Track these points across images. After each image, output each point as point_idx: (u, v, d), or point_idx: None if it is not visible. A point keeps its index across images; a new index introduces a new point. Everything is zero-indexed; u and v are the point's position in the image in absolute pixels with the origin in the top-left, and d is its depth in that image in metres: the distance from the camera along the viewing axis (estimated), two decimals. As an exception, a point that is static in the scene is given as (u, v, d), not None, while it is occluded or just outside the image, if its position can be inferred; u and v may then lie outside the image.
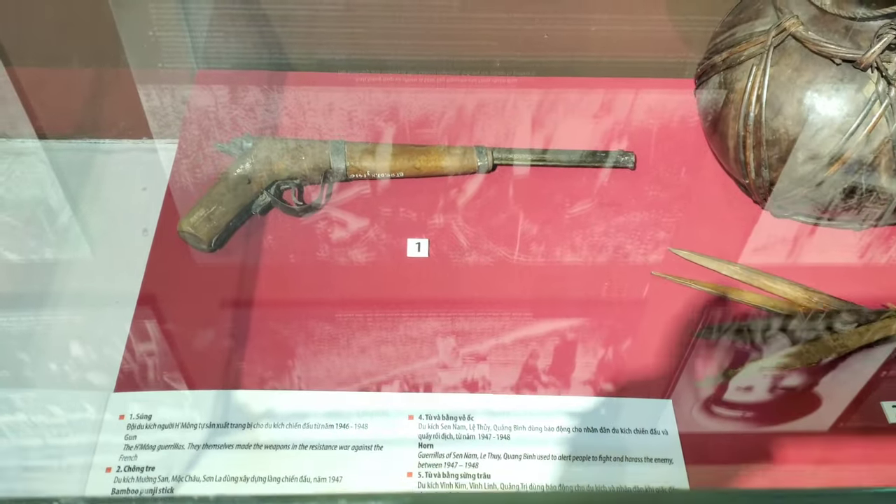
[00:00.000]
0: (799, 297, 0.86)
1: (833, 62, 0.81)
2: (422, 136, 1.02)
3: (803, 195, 0.86)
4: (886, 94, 0.79)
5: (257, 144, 0.93)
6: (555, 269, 0.90)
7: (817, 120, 0.82)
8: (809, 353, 0.81)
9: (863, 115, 0.80)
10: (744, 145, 0.87)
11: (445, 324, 0.84)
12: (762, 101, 0.84)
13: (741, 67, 0.87)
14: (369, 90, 1.08)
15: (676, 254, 0.90)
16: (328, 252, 0.90)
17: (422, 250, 0.90)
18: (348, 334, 0.83)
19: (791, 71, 0.83)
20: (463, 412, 0.78)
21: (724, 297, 0.87)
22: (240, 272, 0.88)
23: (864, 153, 0.81)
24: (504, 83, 1.10)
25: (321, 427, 0.76)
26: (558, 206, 0.95)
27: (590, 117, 1.06)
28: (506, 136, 1.02)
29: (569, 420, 0.78)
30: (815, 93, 0.82)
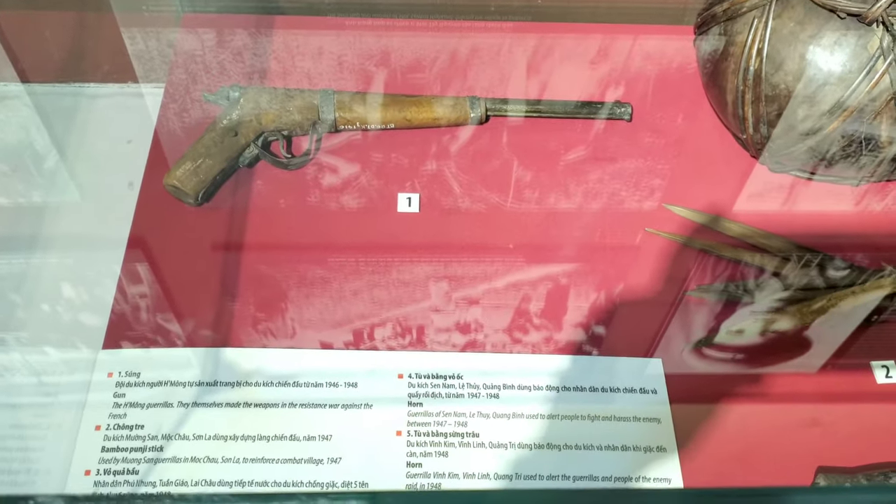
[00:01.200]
0: (794, 254, 0.85)
1: (837, 16, 0.79)
2: (413, 84, 0.99)
3: (802, 151, 0.84)
4: (891, 49, 0.77)
5: (244, 94, 0.90)
6: (546, 221, 0.89)
7: (819, 75, 0.80)
8: (802, 314, 0.80)
9: (866, 71, 0.78)
10: (742, 100, 0.85)
11: (437, 269, 0.84)
12: (763, 55, 0.82)
13: (742, 19, 0.84)
14: (359, 34, 1.05)
15: (670, 209, 0.89)
16: (317, 203, 0.89)
17: (412, 205, 0.89)
18: (339, 283, 0.83)
19: (794, 24, 0.81)
20: (452, 371, 0.78)
21: (718, 254, 0.86)
22: (227, 225, 0.87)
23: (865, 110, 0.79)
24: (499, 28, 1.07)
25: (311, 385, 0.76)
26: (551, 157, 0.93)
27: (586, 65, 1.03)
28: (500, 84, 1.00)
29: (558, 379, 0.78)
30: (818, 47, 0.80)
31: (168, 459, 0.72)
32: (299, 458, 0.72)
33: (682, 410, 0.77)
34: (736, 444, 0.76)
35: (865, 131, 0.80)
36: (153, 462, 0.72)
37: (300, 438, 0.73)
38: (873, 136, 0.81)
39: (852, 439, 0.77)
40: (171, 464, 0.72)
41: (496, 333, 0.80)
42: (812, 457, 0.76)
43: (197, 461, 0.72)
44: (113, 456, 0.72)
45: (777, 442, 0.76)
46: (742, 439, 0.76)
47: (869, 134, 0.80)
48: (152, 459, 0.72)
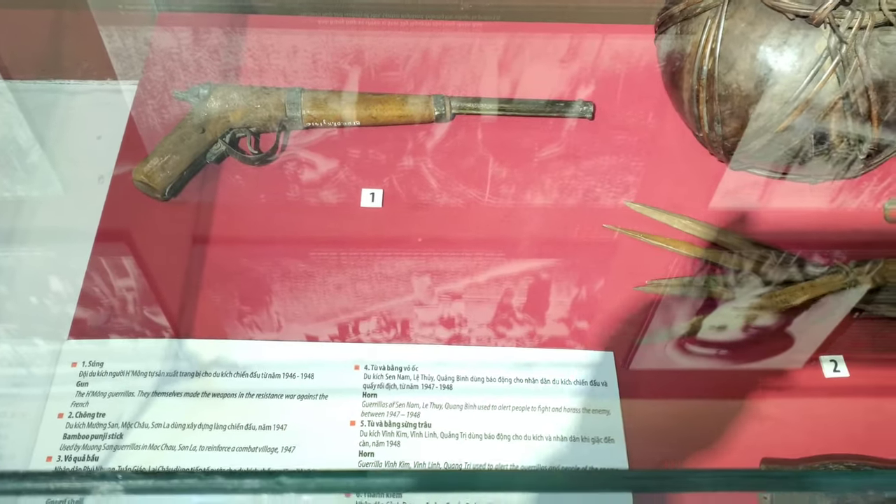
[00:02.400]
0: (749, 251, 0.87)
1: (787, 17, 0.80)
2: (383, 82, 1.01)
3: (756, 150, 0.86)
4: (838, 50, 0.78)
5: (213, 92, 0.92)
6: (507, 216, 0.91)
7: (769, 75, 0.81)
8: (752, 310, 0.82)
9: (814, 71, 0.80)
10: (697, 99, 0.86)
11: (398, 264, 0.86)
12: (715, 55, 0.83)
13: (697, 19, 0.86)
14: (332, 33, 1.07)
15: (630, 207, 0.91)
16: (281, 198, 0.91)
17: (376, 201, 0.91)
18: (300, 277, 0.85)
19: (745, 25, 0.82)
20: (408, 363, 0.80)
21: (674, 250, 0.88)
22: (193, 219, 0.89)
23: (814, 109, 0.81)
24: (469, 27, 1.09)
25: (268, 376, 0.78)
26: (515, 154, 0.95)
27: (554, 64, 1.05)
28: (468, 83, 1.02)
29: (511, 371, 0.80)
30: (768, 48, 0.81)
31: (127, 446, 0.74)
32: (254, 447, 0.74)
33: (631, 403, 0.79)
34: (683, 435, 0.78)
35: (815, 130, 0.82)
36: (113, 449, 0.74)
37: (256, 427, 0.76)
38: (823, 135, 0.82)
39: (798, 432, 0.79)
40: (130, 451, 0.74)
41: (452, 326, 0.82)
42: (758, 449, 0.77)
43: (155, 448, 0.74)
44: (74, 443, 0.74)
45: (724, 434, 0.78)
46: (690, 431, 0.78)
47: (819, 133, 0.82)
48: (112, 447, 0.74)
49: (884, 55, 0.79)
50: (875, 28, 0.78)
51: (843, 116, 0.81)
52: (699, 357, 0.82)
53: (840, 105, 0.80)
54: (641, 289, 0.85)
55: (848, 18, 0.77)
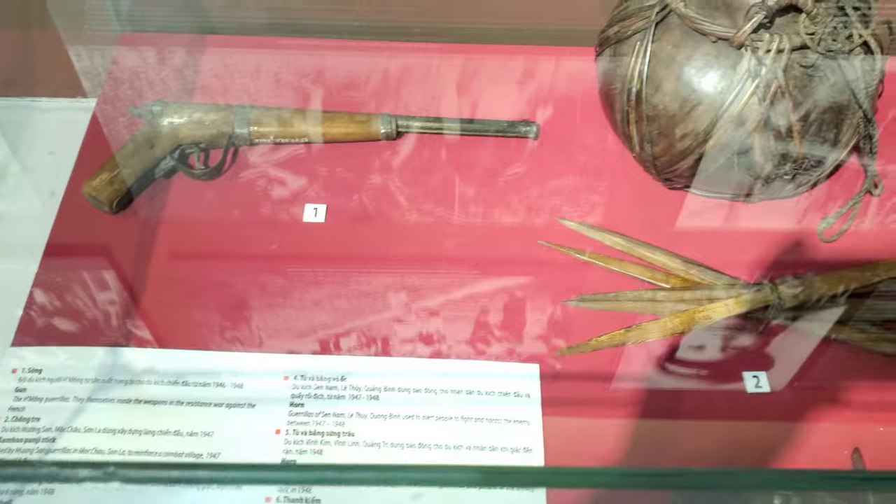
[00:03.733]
0: (677, 268, 0.89)
1: (710, 40, 0.82)
2: (338, 101, 1.04)
3: (684, 169, 0.88)
4: (757, 73, 0.80)
5: (165, 109, 0.95)
6: (445, 232, 0.93)
7: (693, 96, 0.83)
8: (674, 324, 0.84)
9: (735, 93, 0.82)
10: (628, 120, 0.89)
11: (337, 277, 0.88)
12: (643, 76, 0.86)
13: (628, 42, 0.88)
14: (289, 54, 1.10)
15: (563, 224, 0.93)
16: (228, 213, 0.93)
17: (318, 215, 0.93)
18: (242, 288, 0.87)
19: (671, 47, 0.84)
20: (336, 373, 0.82)
21: (604, 266, 0.89)
22: (140, 232, 0.92)
23: (737, 131, 0.83)
24: (423, 49, 1.11)
25: (199, 385, 0.81)
26: (460, 173, 0.97)
27: (504, 85, 1.07)
28: (417, 103, 1.04)
29: (437, 381, 0.82)
30: (692, 69, 0.83)
31: (58, 450, 0.76)
32: (180, 453, 0.77)
33: (553, 414, 0.81)
34: (602, 448, 0.79)
35: (740, 151, 0.83)
36: (44, 453, 0.76)
37: (184, 434, 0.78)
38: (749, 156, 0.84)
39: (719, 447, 0.80)
40: (60, 454, 0.76)
41: (381, 337, 0.84)
42: (677, 463, 0.79)
43: (85, 452, 0.77)
44: (7, 446, 0.77)
45: (642, 448, 0.79)
46: (608, 444, 0.79)
47: (744, 153, 0.84)
48: (44, 450, 0.76)
49: (803, 77, 0.81)
50: (794, 51, 0.80)
51: (766, 137, 0.82)
52: (619, 369, 0.83)
53: (762, 126, 0.82)
54: (569, 303, 0.87)
55: (766, 42, 0.79)
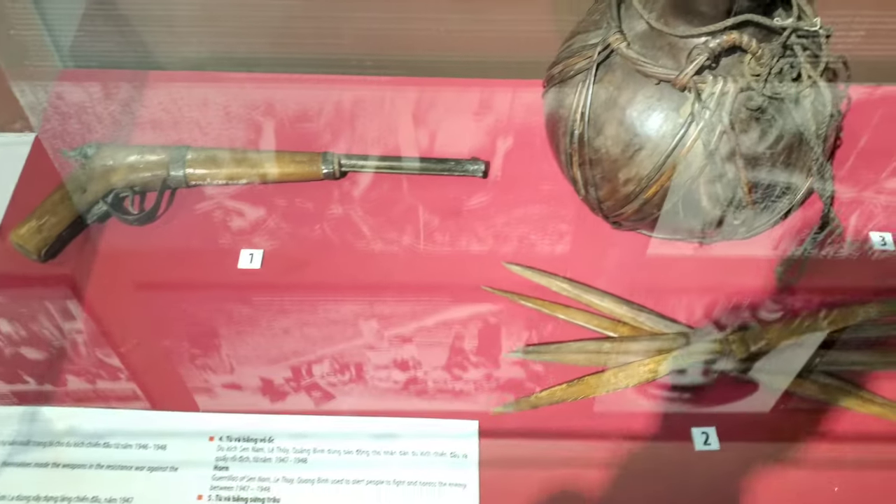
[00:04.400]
0: (625, 315, 0.85)
1: (653, 82, 0.79)
2: (282, 139, 1.00)
3: (630, 213, 0.84)
4: (701, 116, 0.77)
5: (98, 152, 0.92)
6: (385, 275, 0.89)
7: (636, 140, 0.80)
8: (618, 379, 0.80)
9: (679, 136, 0.78)
10: (571, 162, 0.85)
11: (265, 329, 0.85)
12: (585, 119, 0.82)
13: (572, 82, 0.84)
14: (235, 89, 1.07)
15: (509, 268, 0.89)
16: (160, 260, 0.90)
17: (254, 262, 0.90)
18: (173, 346, 0.84)
19: (613, 89, 0.81)
20: (264, 434, 0.78)
21: (549, 313, 0.86)
22: (69, 282, 0.88)
23: (682, 177, 0.79)
24: (376, 82, 1.08)
25: (120, 447, 0.78)
26: (402, 214, 0.94)
27: (456, 119, 1.04)
28: (367, 139, 1.01)
29: (369, 442, 0.78)
30: (634, 112, 0.80)
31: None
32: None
33: (490, 475, 0.77)
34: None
35: (685, 195, 0.80)
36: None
37: (102, 500, 0.75)
38: (694, 201, 0.80)
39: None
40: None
41: (310, 394, 0.81)
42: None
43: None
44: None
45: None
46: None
47: (689, 198, 0.80)
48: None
49: (750, 120, 0.77)
50: (740, 93, 0.76)
51: (712, 182, 0.79)
52: (561, 426, 0.80)
53: (708, 171, 0.78)
54: (511, 355, 0.83)
55: (710, 84, 0.76)
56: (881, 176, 0.97)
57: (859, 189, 0.96)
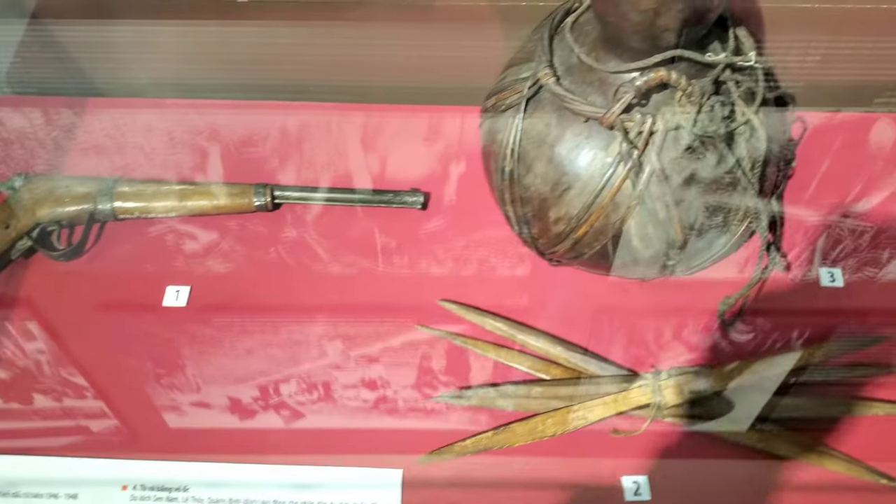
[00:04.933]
0: (559, 356, 0.83)
1: (581, 119, 0.76)
2: (217, 167, 0.98)
3: (564, 251, 0.82)
4: (629, 155, 0.74)
5: (25, 185, 0.90)
6: (314, 312, 0.87)
7: (564, 180, 0.77)
8: (545, 426, 0.77)
9: (608, 176, 0.75)
10: (503, 199, 0.82)
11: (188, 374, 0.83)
12: (515, 155, 0.79)
13: (503, 116, 0.82)
14: (177, 115, 1.04)
15: (443, 306, 0.87)
16: (87, 297, 0.88)
17: (180, 299, 0.87)
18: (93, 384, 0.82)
19: (543, 126, 0.78)
20: (178, 482, 0.76)
21: (482, 353, 0.83)
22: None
23: (611, 217, 0.76)
24: (320, 108, 1.06)
25: (31, 496, 0.75)
26: (335, 247, 0.91)
27: (401, 147, 1.01)
28: (309, 166, 0.99)
29: (288, 492, 0.76)
30: (563, 150, 0.77)
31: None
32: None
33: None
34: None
35: (615, 235, 0.77)
36: None
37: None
38: (626, 241, 0.78)
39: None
40: None
41: (229, 440, 0.79)
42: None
43: None
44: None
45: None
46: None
47: (619, 238, 0.77)
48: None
49: (681, 160, 0.74)
50: (672, 131, 0.74)
51: (642, 223, 0.76)
52: (488, 475, 0.77)
53: (638, 211, 0.75)
54: (439, 399, 0.81)
55: (638, 123, 0.73)
56: (834, 208, 0.94)
57: (810, 221, 0.93)
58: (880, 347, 0.83)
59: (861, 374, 0.82)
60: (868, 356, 0.83)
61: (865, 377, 0.82)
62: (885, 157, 1.00)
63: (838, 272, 0.89)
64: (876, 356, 0.83)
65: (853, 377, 0.82)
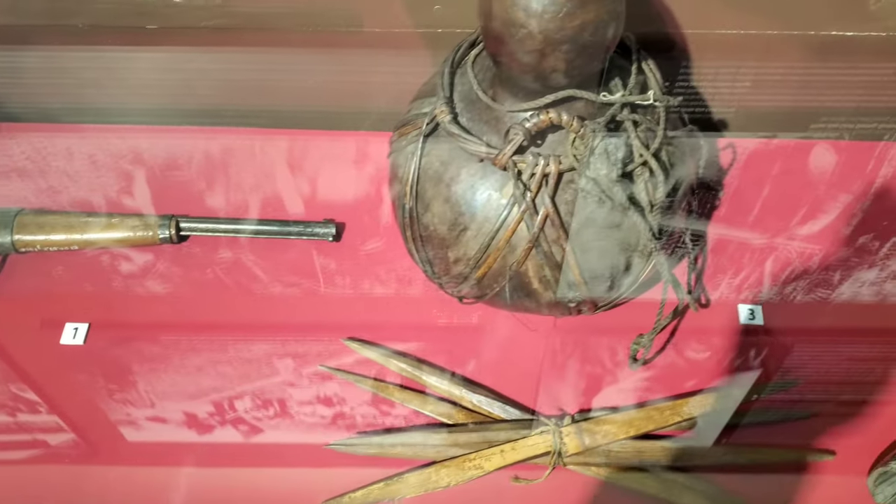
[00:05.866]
0: (463, 398, 0.80)
1: (476, 158, 0.73)
2: (127, 196, 0.96)
3: (468, 290, 0.79)
4: (523, 197, 0.71)
5: (-77, 216, 0.87)
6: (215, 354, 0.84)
7: (461, 220, 0.74)
8: (439, 476, 0.75)
9: (503, 219, 0.72)
10: (406, 237, 0.80)
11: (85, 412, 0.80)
12: (414, 193, 0.77)
13: (404, 152, 0.79)
14: (91, 141, 1.02)
15: (348, 345, 0.84)
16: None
17: (78, 337, 0.85)
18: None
19: (439, 164, 0.76)
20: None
21: (386, 396, 0.81)
22: None
23: (508, 259, 0.74)
24: (234, 133, 1.03)
25: None
26: (236, 284, 0.88)
27: (315, 175, 0.99)
28: (212, 196, 0.96)
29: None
30: (459, 190, 0.74)
31: None
32: None
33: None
34: None
35: (512, 278, 0.74)
36: None
37: None
38: (525, 284, 0.75)
39: None
40: None
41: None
42: None
43: None
44: None
45: None
46: None
47: (519, 282, 0.75)
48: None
49: (576, 202, 0.72)
50: (567, 172, 0.71)
51: (539, 265, 0.73)
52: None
53: (534, 254, 0.73)
54: (335, 447, 0.78)
55: (530, 165, 0.70)
56: (761, 239, 0.92)
57: (734, 255, 0.91)
58: (795, 391, 0.81)
59: (773, 418, 0.79)
60: (782, 401, 0.80)
61: (777, 422, 0.79)
62: (826, 183, 0.97)
63: (758, 309, 0.87)
64: (789, 401, 0.80)
65: (764, 422, 0.79)
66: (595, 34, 0.65)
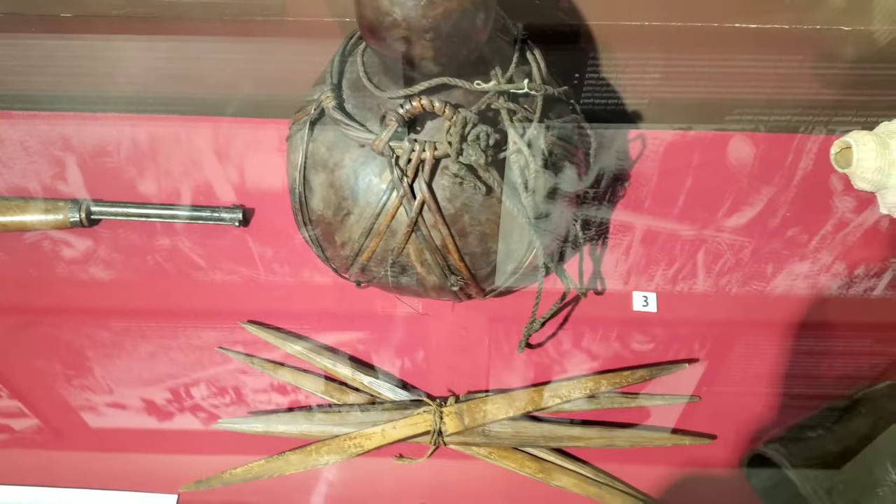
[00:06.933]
0: (355, 380, 0.82)
1: (359, 144, 0.75)
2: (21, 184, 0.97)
3: (357, 276, 0.81)
4: (401, 182, 0.73)
5: None
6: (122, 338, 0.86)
7: (344, 205, 0.76)
8: (320, 454, 0.77)
9: (382, 204, 0.74)
10: (298, 221, 0.81)
11: None
12: (302, 177, 0.78)
13: (295, 138, 0.81)
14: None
15: (246, 328, 0.86)
16: None
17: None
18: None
19: (325, 150, 0.77)
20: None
21: (279, 378, 0.83)
22: None
23: (389, 243, 0.75)
24: (160, 120, 1.04)
25: None
26: (155, 264, 0.90)
27: (226, 161, 1.00)
28: (130, 181, 0.98)
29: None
30: (343, 175, 0.76)
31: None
32: None
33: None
34: None
35: (395, 261, 0.76)
36: None
37: None
38: (407, 269, 0.77)
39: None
40: None
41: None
42: None
43: None
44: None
45: None
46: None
47: (402, 267, 0.76)
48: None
49: (454, 188, 0.73)
50: (444, 158, 0.73)
51: (420, 250, 0.75)
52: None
53: (414, 238, 0.74)
54: (221, 426, 0.80)
55: (406, 151, 0.72)
56: (653, 228, 0.93)
57: (629, 243, 0.92)
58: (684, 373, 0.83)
59: (657, 402, 0.81)
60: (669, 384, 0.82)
61: (658, 405, 0.81)
62: (739, 175, 0.99)
63: (653, 296, 0.88)
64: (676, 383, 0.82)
65: (647, 405, 0.81)
66: (460, 23, 0.66)
